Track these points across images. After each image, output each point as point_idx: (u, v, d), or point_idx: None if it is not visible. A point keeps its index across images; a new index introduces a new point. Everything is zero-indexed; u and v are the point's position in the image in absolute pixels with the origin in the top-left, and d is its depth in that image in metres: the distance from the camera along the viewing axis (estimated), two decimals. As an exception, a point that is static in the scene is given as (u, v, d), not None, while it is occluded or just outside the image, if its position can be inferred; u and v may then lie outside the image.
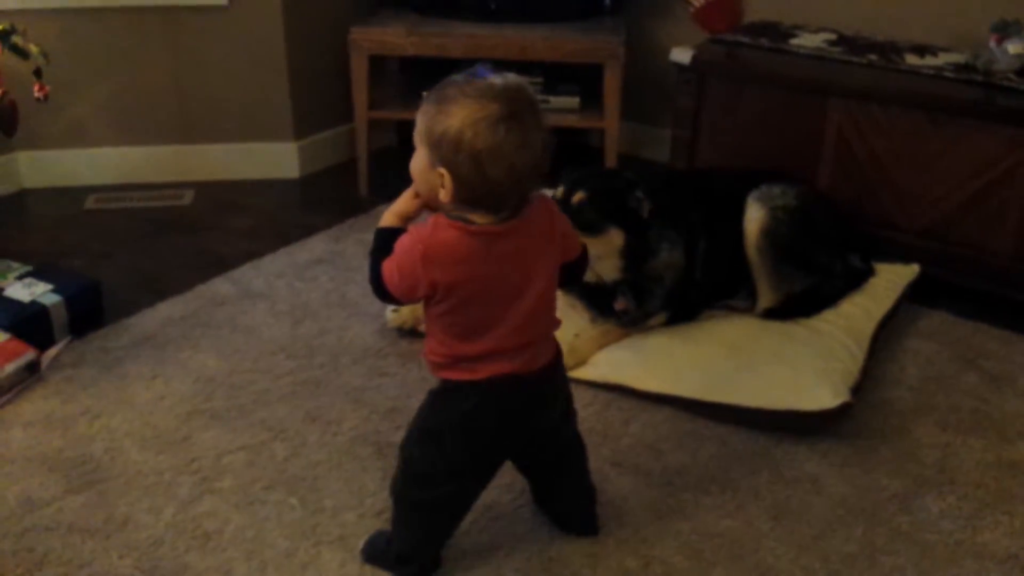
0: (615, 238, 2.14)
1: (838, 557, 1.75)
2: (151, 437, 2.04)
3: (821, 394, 2.01)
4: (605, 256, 2.16)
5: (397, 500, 1.65)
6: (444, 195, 1.39)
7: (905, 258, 2.63)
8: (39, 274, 2.47)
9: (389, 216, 1.50)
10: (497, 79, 1.41)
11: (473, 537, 1.77)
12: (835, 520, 1.84)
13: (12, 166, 3.24)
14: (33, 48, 2.21)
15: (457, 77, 1.42)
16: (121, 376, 2.25)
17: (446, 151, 1.37)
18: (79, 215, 3.14)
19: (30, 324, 2.30)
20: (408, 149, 1.48)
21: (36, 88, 2.27)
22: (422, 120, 1.41)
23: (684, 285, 2.31)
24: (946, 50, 2.85)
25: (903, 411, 2.17)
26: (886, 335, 2.41)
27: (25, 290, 2.39)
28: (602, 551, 1.76)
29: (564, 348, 2.19)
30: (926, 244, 2.65)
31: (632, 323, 2.31)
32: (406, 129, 1.56)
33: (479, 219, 1.43)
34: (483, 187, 1.39)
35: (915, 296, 2.57)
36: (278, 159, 3.43)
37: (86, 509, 1.83)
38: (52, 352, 2.31)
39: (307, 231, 3.01)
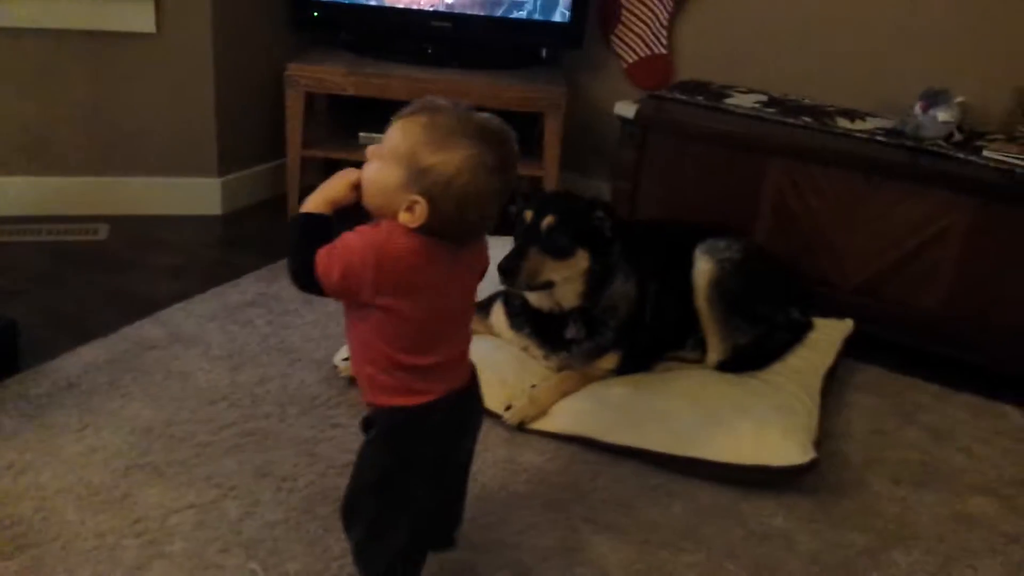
0: (581, 260, 2.13)
1: (819, 615, 1.75)
2: (86, 495, 1.87)
3: (789, 449, 2.03)
4: (569, 280, 2.15)
5: (368, 566, 1.54)
6: (409, 220, 1.33)
7: (839, 313, 2.71)
8: (-52, 313, 2.25)
9: (319, 201, 1.38)
10: (492, 121, 1.37)
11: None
12: (811, 577, 1.84)
13: None
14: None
15: (443, 102, 1.37)
16: (45, 426, 2.06)
17: (431, 184, 1.31)
18: (-21, 247, 2.90)
19: (-60, 368, 2.09)
20: None
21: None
22: (404, 141, 1.33)
23: (635, 323, 2.30)
24: (871, 115, 2.98)
25: (856, 464, 2.21)
26: (829, 389, 2.46)
27: (-67, 330, 2.17)
28: (586, 614, 1.70)
29: (523, 400, 2.19)
30: (859, 300, 2.74)
31: (584, 357, 2.28)
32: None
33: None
34: (456, 224, 1.36)
35: (849, 350, 2.64)
36: (200, 195, 3.27)
37: (19, 577, 1.65)
38: (-36, 399, 2.10)
39: (235, 271, 2.87)
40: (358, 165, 1.40)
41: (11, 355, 2.28)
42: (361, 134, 3.19)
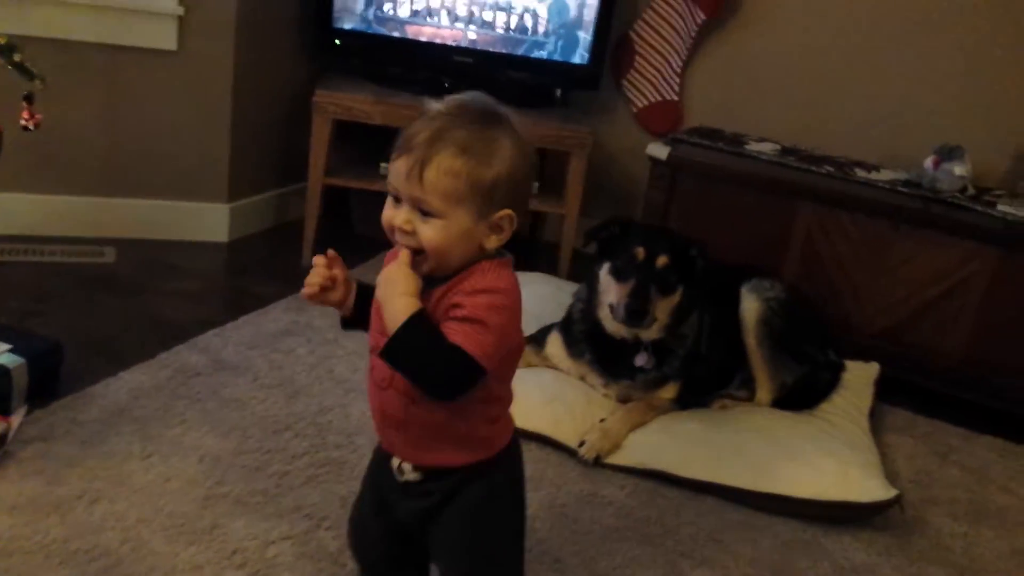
0: (677, 296, 2.16)
1: (925, 646, 1.78)
2: (171, 526, 1.75)
3: (873, 485, 2.07)
4: (662, 315, 2.17)
5: None
6: (499, 239, 1.23)
7: (861, 356, 2.79)
8: (-14, 331, 2.09)
9: (408, 300, 1.18)
10: (473, 98, 1.25)
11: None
12: (907, 609, 1.87)
13: None
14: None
15: (433, 121, 1.20)
16: (107, 454, 1.93)
17: (506, 192, 1.20)
18: (-20, 266, 2.72)
19: (-11, 389, 1.93)
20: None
21: (25, 115, 1.96)
22: (456, 180, 1.17)
23: (695, 355, 2.33)
24: (882, 167, 3.11)
25: (914, 502, 2.27)
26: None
27: (-25, 349, 2.02)
28: (709, 647, 1.68)
29: (595, 435, 2.18)
30: (882, 344, 2.83)
31: (646, 385, 2.29)
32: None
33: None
34: (527, 207, 1.29)
35: (877, 393, 2.72)
36: (208, 220, 3.15)
37: (123, 613, 1.53)
38: (14, 422, 1.94)
39: (258, 299, 2.76)
40: (377, 195, 1.32)
41: (54, 378, 2.13)
42: (382, 164, 3.14)
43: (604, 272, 2.22)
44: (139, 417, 2.08)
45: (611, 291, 2.19)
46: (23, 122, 1.97)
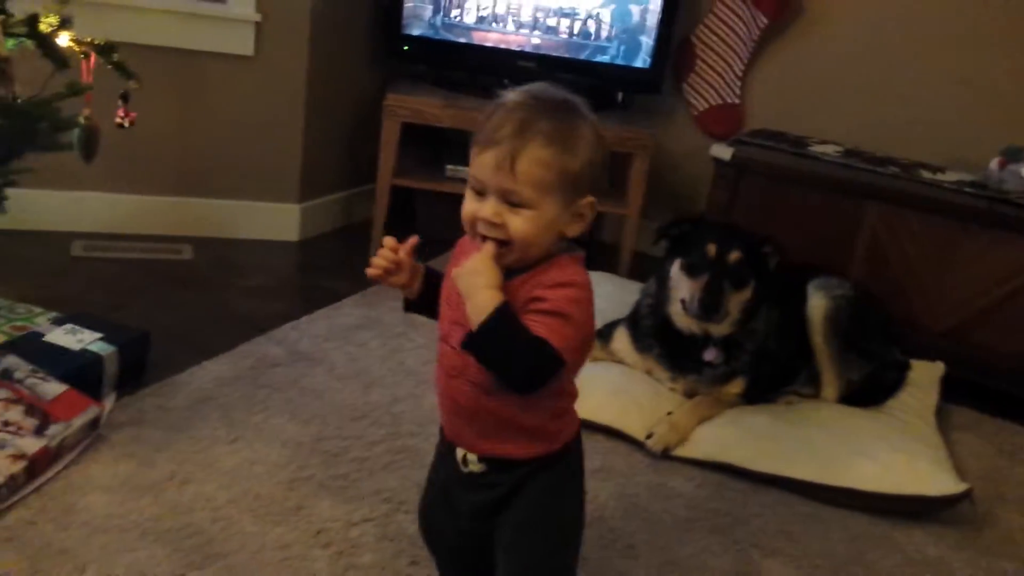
0: (749, 291, 2.19)
1: (998, 638, 1.79)
2: (259, 507, 1.83)
3: (943, 479, 2.08)
4: (734, 310, 2.20)
5: None
6: (581, 227, 1.26)
7: (926, 355, 2.78)
8: (78, 320, 2.19)
9: (494, 293, 1.19)
10: (545, 87, 1.26)
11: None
12: (979, 602, 1.88)
13: (-19, 203, 2.89)
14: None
15: (531, 100, 1.21)
16: (195, 439, 2.01)
17: (589, 179, 1.23)
18: (67, 262, 2.84)
19: (83, 375, 2.03)
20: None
21: (121, 113, 2.06)
22: (548, 169, 1.19)
23: (763, 351, 2.35)
24: (947, 169, 3.10)
25: (983, 499, 2.26)
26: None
27: (70, 336, 2.12)
28: (782, 633, 1.71)
29: (663, 427, 2.21)
30: (947, 344, 2.82)
31: (713, 380, 2.31)
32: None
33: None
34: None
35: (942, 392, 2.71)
36: (279, 220, 3.25)
37: (218, 586, 1.60)
38: (105, 408, 2.04)
39: (332, 295, 2.85)
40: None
41: (141, 367, 2.23)
42: (448, 167, 3.21)
43: (676, 268, 2.26)
44: (223, 404, 2.16)
45: (683, 287, 2.23)
46: (118, 119, 2.07)
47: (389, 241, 1.32)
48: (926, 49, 3.23)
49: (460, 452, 1.35)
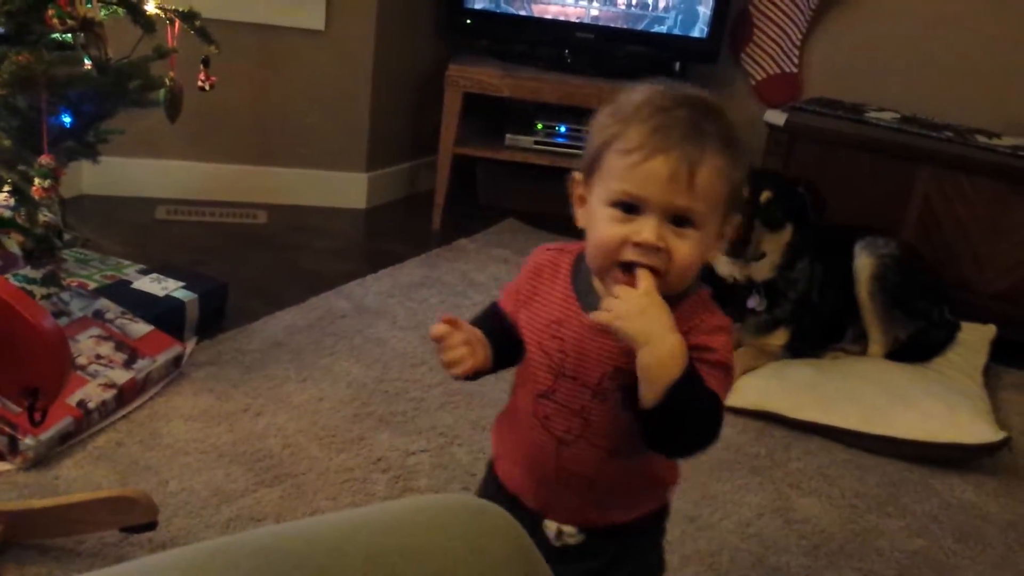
0: (786, 234, 2.27)
1: (1029, 576, 1.84)
2: (325, 436, 1.98)
3: (982, 428, 2.13)
4: (772, 252, 2.27)
5: None
6: (720, 251, 1.17)
7: (978, 318, 2.81)
8: (164, 270, 2.38)
9: (679, 338, 0.99)
10: (690, 92, 1.07)
11: None
12: (1013, 542, 1.93)
13: (73, 169, 3.11)
14: (206, 36, 2.18)
15: (679, 99, 1.02)
16: (268, 377, 2.18)
17: (740, 197, 1.06)
18: (151, 224, 3.04)
19: (167, 318, 2.21)
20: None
21: (202, 77, 2.23)
22: (723, 182, 1.01)
23: (807, 302, 2.41)
24: (1003, 134, 3.10)
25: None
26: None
27: (156, 284, 2.30)
28: (814, 565, 1.79)
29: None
30: (999, 306, 2.84)
31: (757, 329, 2.39)
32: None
33: None
34: None
35: (993, 354, 2.74)
36: (348, 188, 3.41)
37: (287, 502, 1.76)
38: (187, 348, 2.21)
39: (395, 257, 2.99)
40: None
41: (220, 314, 2.41)
42: (508, 135, 3.33)
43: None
44: (294, 349, 2.32)
45: (720, 232, 2.31)
46: (200, 82, 2.24)
47: (441, 328, 1.06)
48: (985, 14, 3.23)
49: (552, 525, 1.14)
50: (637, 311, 0.98)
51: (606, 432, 1.07)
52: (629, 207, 1.01)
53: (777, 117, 3.04)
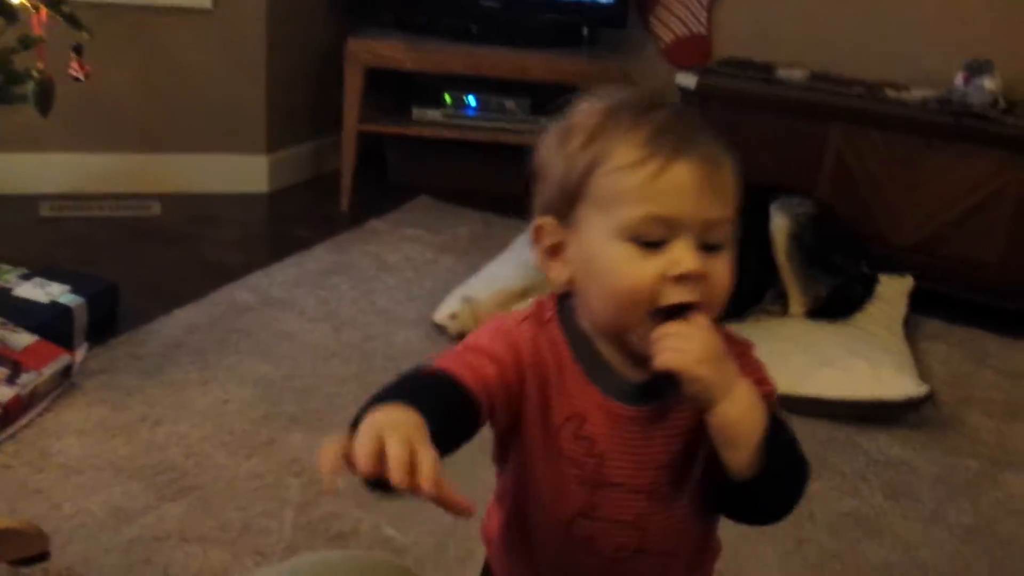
0: None
1: (960, 528, 1.83)
2: (231, 441, 1.86)
3: (905, 383, 2.12)
4: None
5: None
6: None
7: (896, 270, 2.81)
8: (47, 274, 2.21)
9: (751, 385, 0.84)
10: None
11: None
12: (942, 496, 1.93)
13: (-55, 169, 2.89)
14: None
15: (651, 96, 0.88)
16: (167, 383, 2.04)
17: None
18: (36, 222, 2.84)
19: (54, 326, 2.04)
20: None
21: (75, 66, 2.05)
22: (736, 185, 0.88)
23: None
24: (911, 87, 3.10)
25: (948, 402, 2.30)
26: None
27: (39, 290, 2.13)
28: (745, 535, 1.75)
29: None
30: (917, 258, 2.85)
31: None
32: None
33: None
34: None
35: (911, 304, 2.75)
36: (248, 172, 3.24)
37: (192, 517, 1.64)
38: (77, 357, 2.06)
39: (301, 243, 2.86)
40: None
41: (111, 317, 2.25)
42: (414, 110, 3.21)
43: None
44: (195, 349, 2.18)
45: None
46: (73, 72, 2.06)
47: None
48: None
49: None
50: (713, 353, 0.78)
51: (674, 532, 0.88)
52: (654, 240, 0.80)
53: (688, 80, 2.99)
